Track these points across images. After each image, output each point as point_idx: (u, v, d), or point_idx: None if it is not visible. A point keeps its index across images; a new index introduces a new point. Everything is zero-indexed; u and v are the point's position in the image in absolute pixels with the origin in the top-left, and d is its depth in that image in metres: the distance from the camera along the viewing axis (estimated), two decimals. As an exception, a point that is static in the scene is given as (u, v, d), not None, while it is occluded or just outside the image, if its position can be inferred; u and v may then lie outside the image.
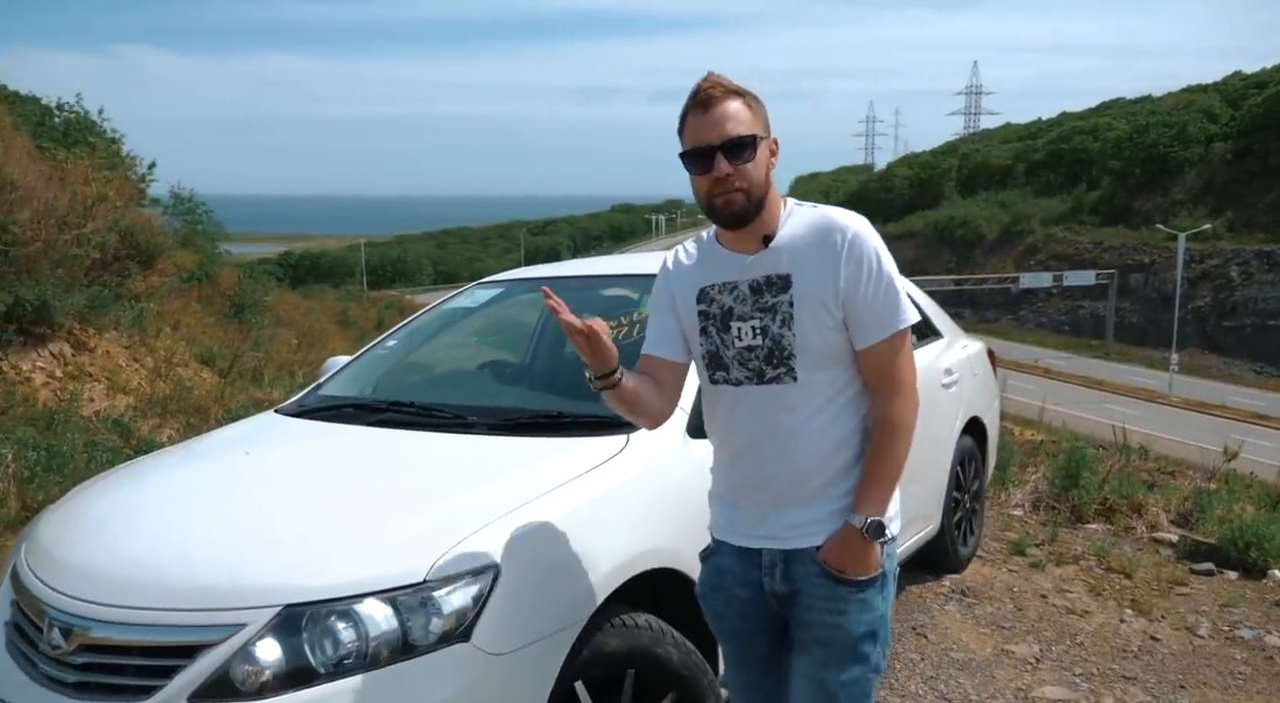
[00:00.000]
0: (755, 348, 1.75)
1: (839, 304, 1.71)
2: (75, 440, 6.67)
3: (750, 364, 1.76)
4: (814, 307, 1.71)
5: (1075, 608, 3.87)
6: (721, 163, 1.68)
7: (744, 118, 1.70)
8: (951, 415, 4.00)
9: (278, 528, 2.03)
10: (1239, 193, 47.12)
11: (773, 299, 1.74)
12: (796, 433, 1.75)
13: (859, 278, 1.70)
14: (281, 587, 1.82)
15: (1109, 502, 5.36)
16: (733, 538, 1.85)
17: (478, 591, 1.85)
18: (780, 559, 1.78)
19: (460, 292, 3.61)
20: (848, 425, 1.76)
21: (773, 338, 1.73)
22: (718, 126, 1.68)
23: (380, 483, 2.25)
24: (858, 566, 1.73)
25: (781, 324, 1.73)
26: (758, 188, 1.72)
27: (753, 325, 1.75)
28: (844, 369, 1.75)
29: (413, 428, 2.58)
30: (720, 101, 1.69)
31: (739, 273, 1.78)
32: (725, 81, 1.72)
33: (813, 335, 1.72)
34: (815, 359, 1.73)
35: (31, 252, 8.21)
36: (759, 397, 1.76)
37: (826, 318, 1.71)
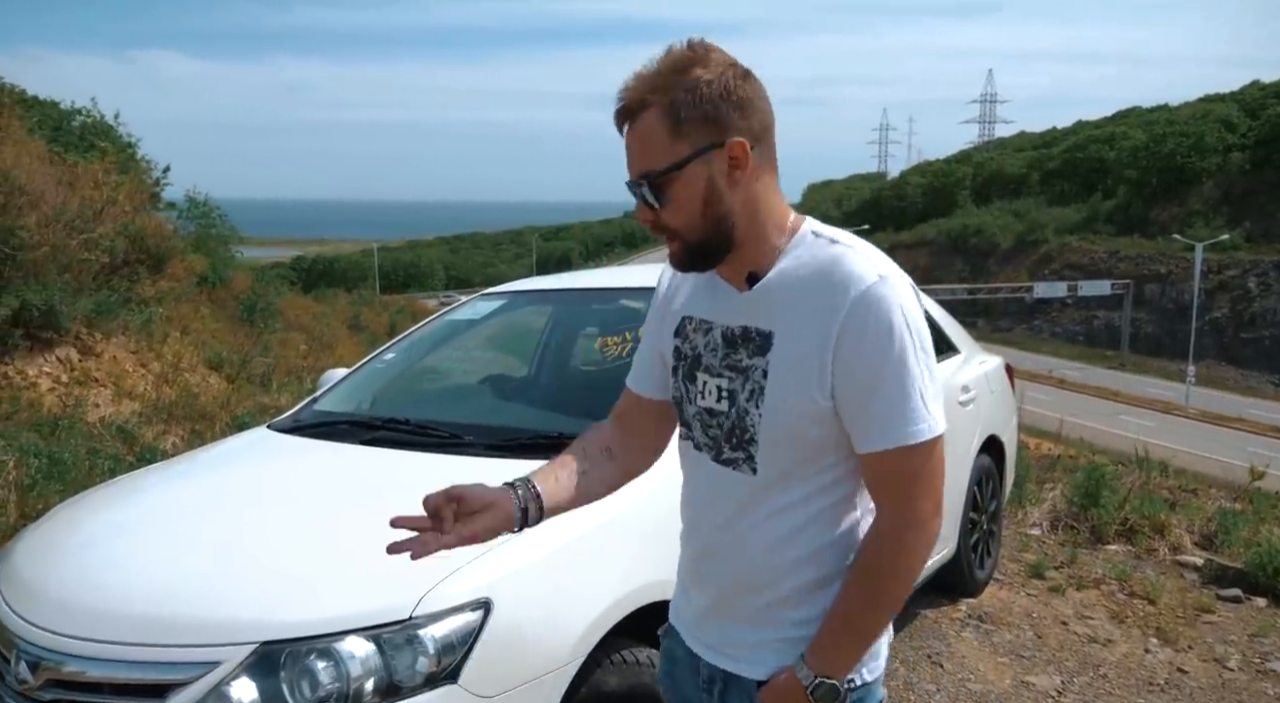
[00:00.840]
0: (717, 414, 1.31)
1: (826, 388, 1.20)
2: (78, 447, 6.61)
3: (711, 431, 1.32)
4: (792, 384, 1.22)
5: (1098, 636, 3.73)
6: (640, 208, 1.25)
7: (656, 139, 1.20)
8: (968, 435, 3.87)
9: (257, 557, 1.92)
10: (1257, 203, 46.70)
11: (746, 360, 1.27)
12: (748, 536, 1.30)
13: (858, 359, 1.18)
14: (258, 622, 1.71)
15: (1130, 522, 5.21)
16: (679, 626, 1.46)
17: (467, 627, 1.74)
18: (720, 678, 1.37)
19: (462, 303, 3.50)
20: (822, 537, 1.28)
21: (738, 410, 1.27)
22: (629, 157, 1.24)
23: (367, 508, 2.12)
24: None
25: (749, 397, 1.26)
26: (694, 229, 1.23)
27: (719, 385, 1.30)
28: (828, 469, 1.26)
29: (406, 448, 2.47)
30: (632, 117, 1.22)
31: (718, 313, 1.32)
32: (640, 80, 1.22)
33: (783, 421, 1.24)
34: (784, 451, 1.25)
35: (39, 256, 8.17)
36: (714, 476, 1.33)
37: (806, 403, 1.22)
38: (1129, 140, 55.94)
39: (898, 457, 1.19)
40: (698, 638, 1.41)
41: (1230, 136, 50.45)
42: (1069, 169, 60.88)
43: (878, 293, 1.18)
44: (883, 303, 1.17)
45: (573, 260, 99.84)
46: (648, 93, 1.20)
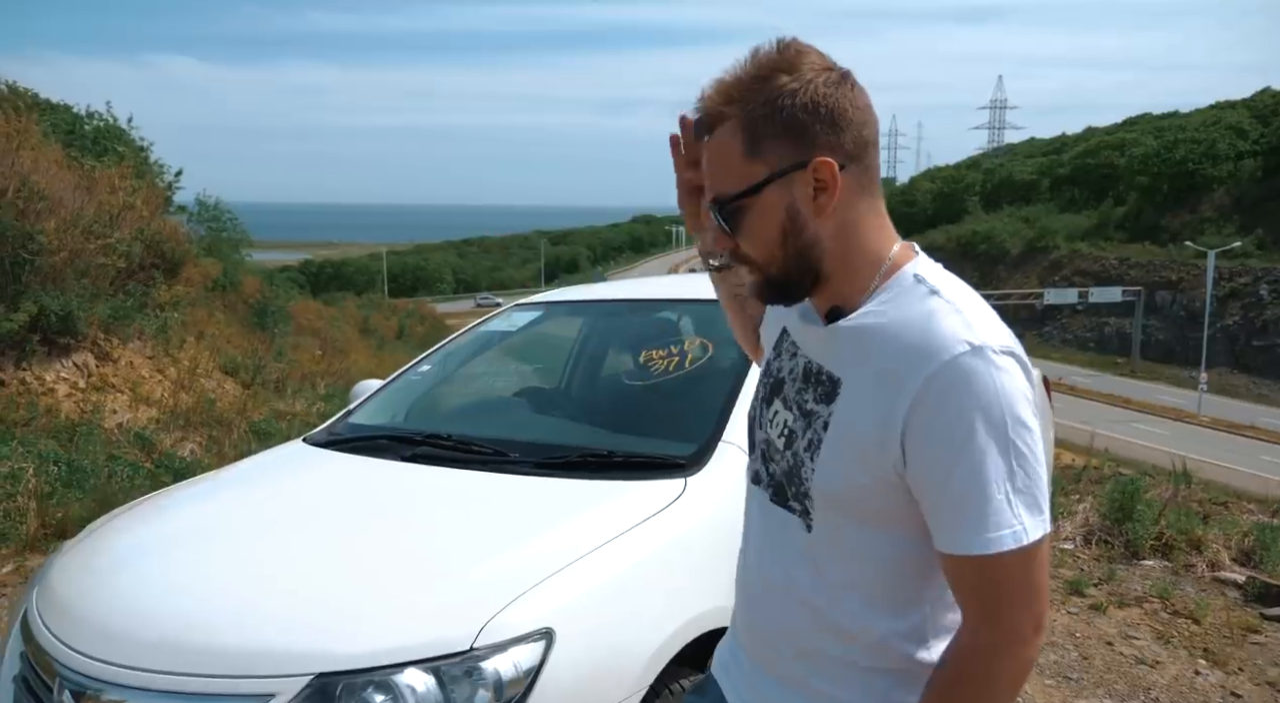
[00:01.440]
0: (778, 451, 1.16)
1: (889, 464, 1.03)
2: (97, 455, 6.57)
3: (771, 467, 1.17)
4: (852, 447, 1.06)
5: (1145, 658, 3.63)
6: (717, 233, 1.10)
7: (731, 158, 1.06)
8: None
9: (307, 582, 1.85)
10: (1268, 210, 46.47)
11: (813, 403, 1.11)
12: (808, 592, 1.13)
13: (927, 445, 1.00)
14: (313, 653, 1.64)
15: (1165, 537, 5.11)
16: (724, 684, 1.30)
17: (530, 659, 1.66)
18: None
19: (496, 313, 3.44)
20: (884, 625, 1.09)
21: (795, 456, 1.12)
22: (708, 175, 1.10)
23: (418, 531, 2.06)
24: None
25: (807, 446, 1.10)
26: (773, 261, 1.08)
27: (786, 419, 1.14)
28: (897, 542, 1.07)
29: (449, 464, 2.40)
30: (709, 129, 1.08)
31: (805, 337, 1.17)
32: (719, 87, 1.07)
33: (838, 482, 1.07)
34: (843, 517, 1.09)
35: (57, 261, 8.15)
36: (772, 517, 1.18)
37: (868, 473, 1.05)
38: (1140, 147, 55.74)
39: (977, 566, 0.99)
40: (735, 690, 1.26)
41: (1241, 143, 50.23)
42: (1079, 175, 60.69)
43: (964, 367, 0.98)
44: (969, 380, 0.98)
45: (580, 265, 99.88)
46: (724, 103, 1.05)
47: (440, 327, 56.91)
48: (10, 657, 2.00)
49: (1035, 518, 0.99)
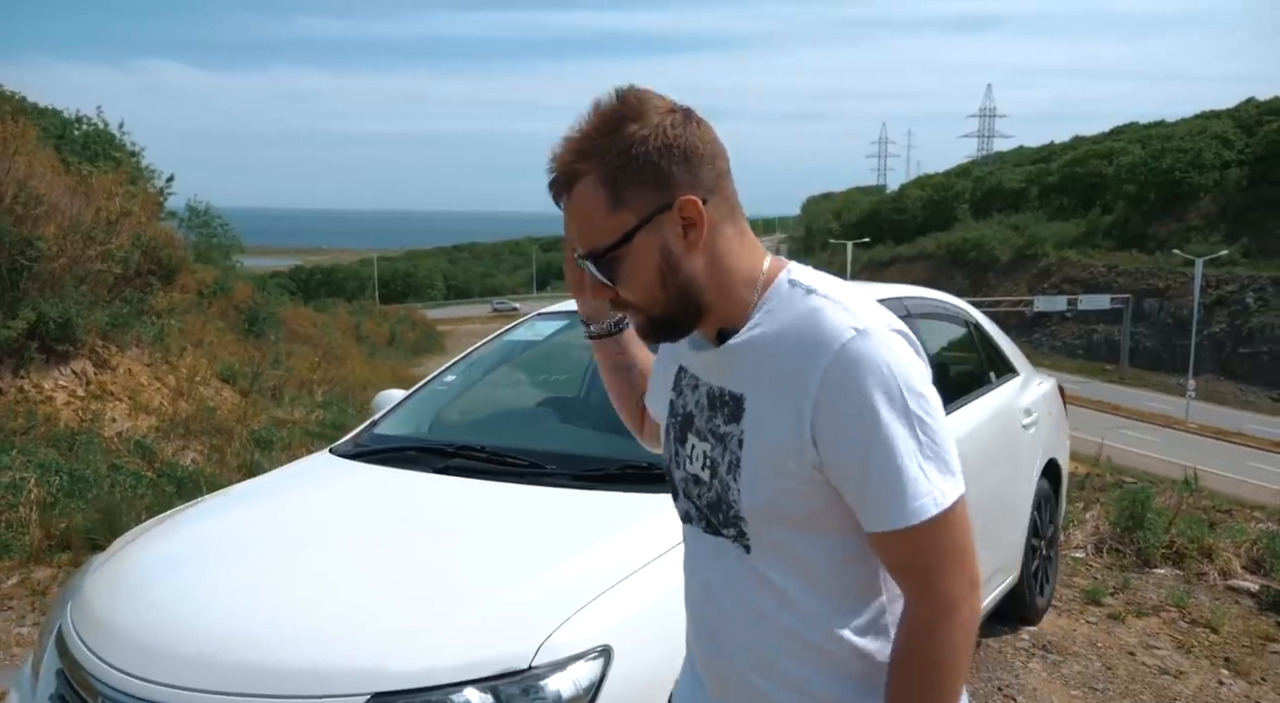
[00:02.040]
0: (701, 483, 1.15)
1: (812, 462, 1.05)
2: (98, 464, 6.50)
3: (698, 502, 1.17)
4: (769, 456, 1.07)
5: (1167, 668, 3.63)
6: (595, 284, 1.11)
7: (596, 213, 1.06)
8: (1031, 458, 3.79)
9: (356, 599, 1.82)
10: (1254, 219, 46.89)
11: (724, 426, 1.12)
12: (756, 622, 1.13)
13: (839, 434, 1.02)
14: (368, 672, 1.61)
15: (1176, 545, 5.12)
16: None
17: (590, 676, 1.64)
18: None
19: (520, 322, 3.41)
20: (842, 624, 1.10)
21: (720, 481, 1.12)
22: (572, 232, 1.11)
23: (462, 546, 2.04)
24: None
25: (729, 468, 1.10)
26: (656, 303, 1.09)
27: (705, 450, 1.14)
28: (836, 540, 1.09)
29: (486, 477, 2.37)
30: (567, 189, 1.08)
31: (703, 367, 1.17)
32: (569, 145, 1.07)
33: (765, 495, 1.08)
34: (775, 529, 1.09)
35: (56, 267, 8.08)
36: (705, 551, 1.18)
37: (790, 477, 1.06)
38: (1127, 156, 56.16)
39: (906, 538, 1.02)
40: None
41: (1227, 153, 50.68)
42: (1068, 184, 61.07)
43: (854, 352, 1.01)
44: (861, 363, 1.01)
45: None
46: (579, 160, 1.05)
47: (432, 333, 56.78)
48: (46, 674, 1.96)
49: (949, 480, 1.03)
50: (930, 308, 3.56)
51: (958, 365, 3.80)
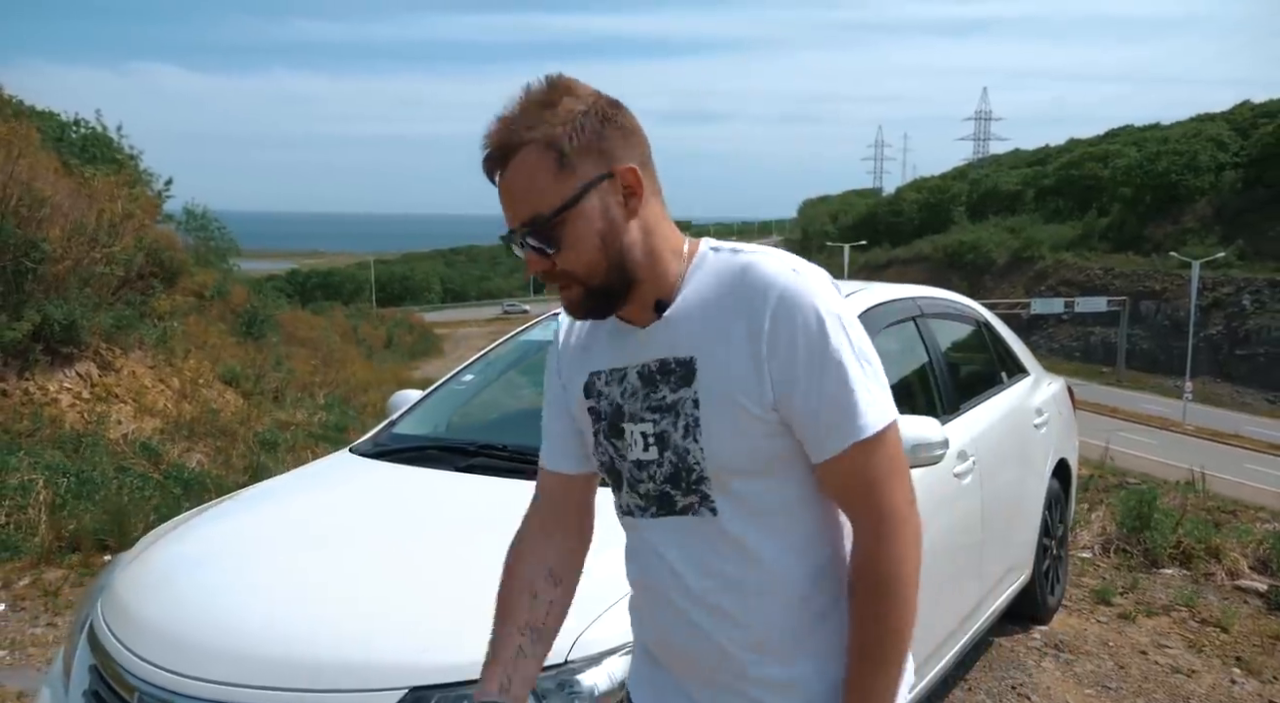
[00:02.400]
0: (648, 464, 1.18)
1: (768, 403, 1.11)
2: (105, 466, 6.50)
3: (642, 487, 1.20)
4: (728, 406, 1.12)
5: (1180, 667, 3.65)
6: (530, 257, 1.13)
7: (541, 179, 1.08)
8: (1043, 458, 3.81)
9: (389, 594, 1.84)
10: (1249, 222, 47.04)
11: (671, 395, 1.16)
12: (732, 590, 1.16)
13: (794, 360, 1.09)
14: (406, 666, 1.62)
15: (1184, 545, 5.14)
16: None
17: (624, 670, 1.64)
18: None
19: (536, 322, 3.42)
20: (804, 570, 1.16)
21: (675, 451, 1.16)
22: (510, 204, 1.12)
23: (494, 542, 2.03)
24: None
25: (685, 433, 1.15)
26: (596, 272, 1.12)
27: (644, 430, 1.18)
28: (792, 488, 1.15)
29: (510, 476, 2.38)
30: (505, 162, 1.10)
31: (628, 355, 1.20)
32: (506, 121, 1.10)
33: (729, 447, 1.13)
34: (740, 480, 1.14)
35: (60, 270, 8.08)
36: (662, 535, 1.20)
37: (750, 423, 1.12)
38: (1123, 158, 56.32)
39: (856, 455, 1.09)
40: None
41: (1222, 155, 50.86)
42: (1063, 186, 61.21)
43: (797, 287, 1.10)
44: (804, 296, 1.09)
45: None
46: (520, 132, 1.08)
47: (429, 336, 56.79)
48: (79, 670, 1.97)
49: (888, 399, 1.12)
50: (942, 308, 3.58)
51: (969, 365, 3.82)
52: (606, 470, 1.26)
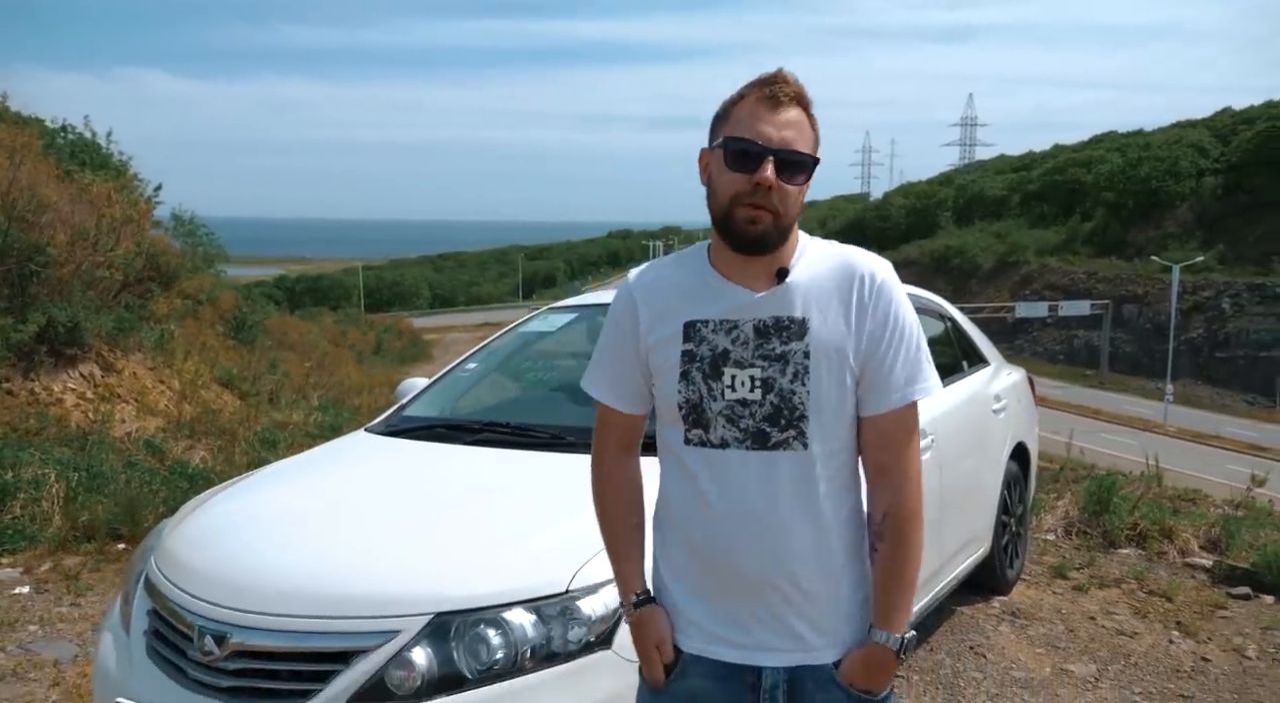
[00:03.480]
0: (750, 404, 1.41)
1: (858, 359, 1.42)
2: (113, 461, 6.73)
3: (742, 423, 1.41)
4: (833, 359, 1.41)
5: (1124, 630, 3.96)
6: (769, 169, 1.37)
7: (807, 136, 1.42)
8: (1001, 441, 4.12)
9: (417, 540, 2.13)
10: (1229, 227, 47.69)
11: (782, 346, 1.41)
12: (801, 515, 1.42)
13: (884, 330, 1.42)
14: (432, 596, 1.91)
15: (1140, 527, 5.46)
16: (711, 650, 1.47)
17: (616, 600, 1.94)
18: (783, 680, 1.44)
19: (533, 315, 3.72)
20: (850, 506, 1.46)
21: (779, 394, 1.40)
22: (784, 130, 1.39)
23: (506, 498, 2.35)
24: (885, 683, 1.47)
25: (794, 378, 1.40)
26: (790, 216, 1.42)
27: (751, 375, 1.41)
28: (850, 433, 1.46)
29: (514, 447, 2.68)
30: (792, 106, 1.41)
31: (741, 310, 1.44)
32: (799, 85, 1.43)
33: (830, 393, 1.41)
34: (831, 420, 1.42)
35: (65, 273, 8.31)
36: (757, 466, 1.41)
37: (846, 374, 1.42)
38: (1106, 164, 56.96)
39: (908, 411, 1.44)
40: (744, 644, 1.44)
41: (1203, 161, 51.56)
42: (1048, 191, 61.82)
43: (890, 281, 1.46)
44: (895, 289, 1.46)
45: (558, 280, 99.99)
46: (805, 100, 1.43)
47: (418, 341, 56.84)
48: (138, 615, 2.24)
49: (935, 375, 1.47)
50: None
51: (934, 356, 4.12)
52: (691, 407, 1.44)
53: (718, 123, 1.47)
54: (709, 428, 1.44)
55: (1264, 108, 56.87)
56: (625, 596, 1.56)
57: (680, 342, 1.46)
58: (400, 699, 1.84)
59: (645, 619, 1.51)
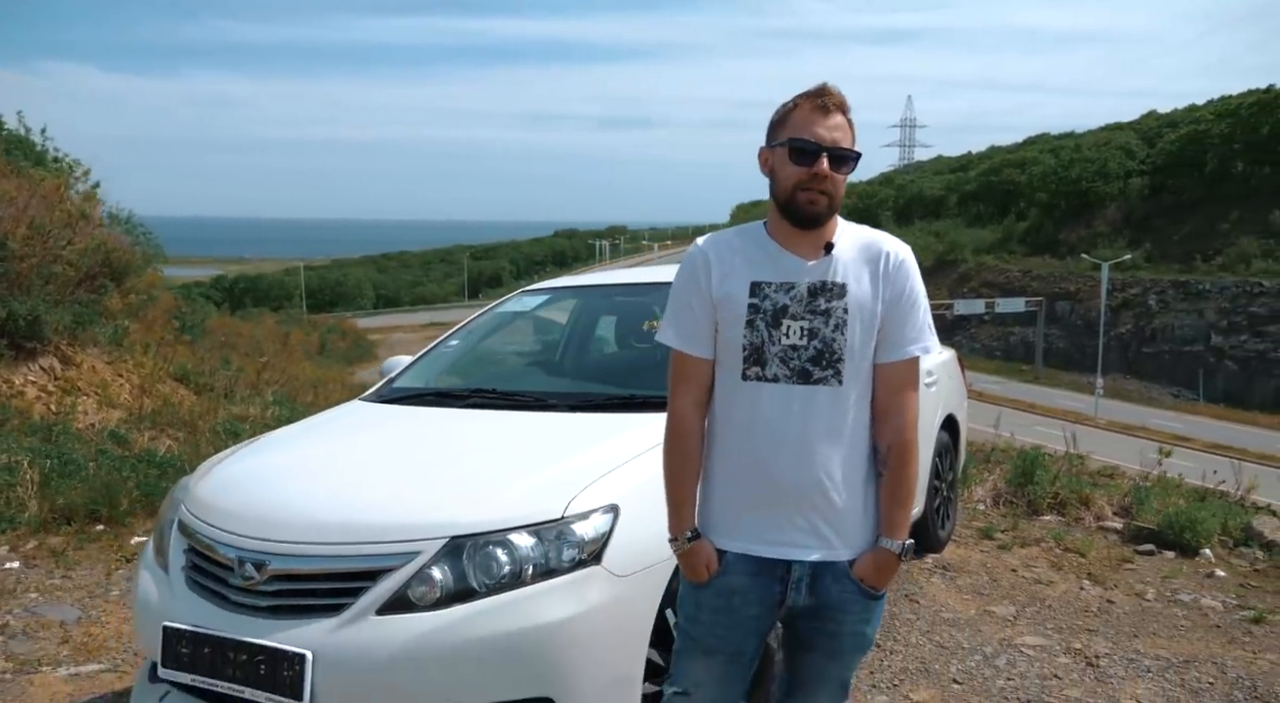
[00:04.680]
0: (799, 348, 1.79)
1: (880, 318, 1.81)
2: (81, 450, 6.85)
3: (792, 363, 1.79)
4: (864, 315, 1.80)
5: (1041, 579, 4.43)
6: (824, 163, 1.76)
7: (850, 136, 1.82)
8: (931, 412, 4.54)
9: (432, 478, 2.45)
10: (1155, 226, 49.62)
11: (827, 304, 1.80)
12: (831, 436, 1.78)
13: (901, 296, 1.82)
14: (448, 522, 2.23)
15: (1060, 496, 5.97)
16: (752, 549, 1.82)
17: (604, 525, 2.28)
18: (807, 573, 1.80)
19: (508, 297, 4.04)
20: (867, 431, 1.84)
21: (822, 340, 1.79)
22: (834, 132, 1.78)
23: (504, 446, 2.68)
24: (887, 581, 1.85)
25: (835, 329, 1.79)
26: (838, 199, 1.81)
27: (802, 326, 1.79)
28: (870, 375, 1.83)
29: (502, 409, 3.01)
30: (837, 113, 1.80)
31: (798, 274, 1.82)
32: (841, 95, 1.82)
33: (860, 342, 1.79)
34: (857, 365, 1.80)
35: (25, 268, 8.36)
36: (800, 396, 1.79)
37: (872, 328, 1.80)
38: (1039, 165, 58.79)
39: (914, 365, 1.86)
40: (785, 543, 1.80)
41: (1130, 163, 53.58)
42: (984, 191, 63.51)
43: (908, 259, 1.88)
44: (912, 264, 1.88)
45: (503, 279, 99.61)
46: (847, 109, 1.83)
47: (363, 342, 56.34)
48: (175, 554, 2.52)
49: (936, 339, 1.91)
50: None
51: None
52: (753, 349, 1.82)
53: (775, 127, 1.84)
54: (765, 365, 1.81)
55: (1187, 112, 59.32)
56: (680, 531, 1.87)
57: (747, 296, 1.83)
58: (421, 610, 2.16)
59: (698, 550, 1.86)
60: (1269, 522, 5.43)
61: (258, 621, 2.23)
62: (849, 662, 1.93)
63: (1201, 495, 6.52)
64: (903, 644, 3.60)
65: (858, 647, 1.91)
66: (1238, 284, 42.88)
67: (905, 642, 3.62)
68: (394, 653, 2.11)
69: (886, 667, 3.38)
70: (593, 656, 2.20)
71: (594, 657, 2.20)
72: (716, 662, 1.90)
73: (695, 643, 1.91)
